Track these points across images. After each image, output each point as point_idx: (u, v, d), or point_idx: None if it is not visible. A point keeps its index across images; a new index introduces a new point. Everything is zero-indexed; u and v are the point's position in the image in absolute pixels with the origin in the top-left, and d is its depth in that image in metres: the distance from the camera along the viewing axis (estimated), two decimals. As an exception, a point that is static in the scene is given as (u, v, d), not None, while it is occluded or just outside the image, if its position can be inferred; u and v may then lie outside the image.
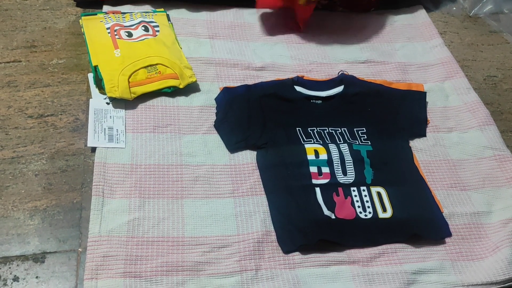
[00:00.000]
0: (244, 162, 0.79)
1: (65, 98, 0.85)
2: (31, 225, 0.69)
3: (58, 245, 0.67)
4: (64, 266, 0.65)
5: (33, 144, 0.78)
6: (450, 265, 0.70)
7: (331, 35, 1.03)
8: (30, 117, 0.81)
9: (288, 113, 0.85)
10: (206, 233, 0.70)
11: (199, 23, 1.00)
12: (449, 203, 0.77)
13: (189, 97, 0.86)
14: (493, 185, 0.81)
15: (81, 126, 0.81)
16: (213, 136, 0.81)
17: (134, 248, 0.67)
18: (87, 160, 0.76)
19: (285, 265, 0.68)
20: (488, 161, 0.84)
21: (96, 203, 0.70)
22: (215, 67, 0.92)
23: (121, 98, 0.82)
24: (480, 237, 0.74)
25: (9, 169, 0.74)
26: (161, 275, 0.65)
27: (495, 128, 0.89)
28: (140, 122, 0.81)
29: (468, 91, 0.95)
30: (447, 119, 0.90)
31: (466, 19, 1.16)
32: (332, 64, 0.97)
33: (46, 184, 0.73)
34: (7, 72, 0.87)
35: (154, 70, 0.86)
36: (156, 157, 0.77)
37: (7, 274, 0.64)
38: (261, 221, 0.72)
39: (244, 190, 0.75)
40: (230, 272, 0.66)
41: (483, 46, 1.10)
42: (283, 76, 0.92)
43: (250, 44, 0.98)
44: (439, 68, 0.99)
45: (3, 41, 0.93)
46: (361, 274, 0.68)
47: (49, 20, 0.98)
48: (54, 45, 0.93)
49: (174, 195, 0.73)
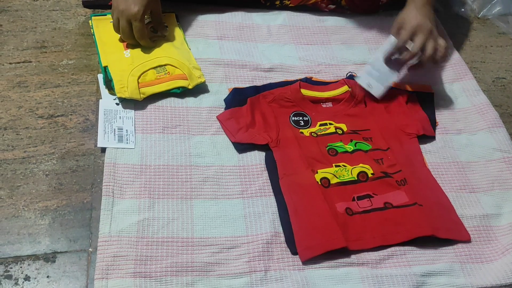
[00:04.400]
0: (253, 163, 0.79)
1: (75, 98, 0.85)
2: (42, 225, 0.69)
3: (69, 245, 0.68)
4: (75, 266, 0.66)
5: (44, 144, 0.78)
6: (459, 268, 0.70)
7: (339, 36, 1.04)
8: (40, 117, 0.82)
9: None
10: (215, 234, 0.70)
11: (207, 24, 1.00)
12: (458, 206, 0.77)
13: (198, 98, 0.87)
14: (502, 187, 0.81)
15: (91, 126, 0.81)
16: (222, 137, 0.82)
17: (144, 248, 0.67)
18: (97, 161, 0.77)
19: (294, 267, 0.68)
20: (497, 163, 0.84)
21: (106, 203, 0.70)
22: (224, 68, 0.92)
23: (130, 98, 0.82)
24: (489, 239, 0.74)
25: (20, 169, 0.75)
26: (170, 275, 0.65)
27: (504, 130, 0.88)
28: (149, 122, 0.81)
29: (477, 93, 0.94)
30: (456, 121, 0.90)
31: (474, 20, 1.16)
32: (340, 66, 0.97)
33: (57, 184, 0.74)
34: (18, 73, 0.88)
35: (163, 71, 0.86)
36: (165, 157, 0.77)
37: (18, 273, 0.65)
38: (270, 222, 0.72)
39: (253, 191, 0.76)
40: (239, 273, 0.67)
41: (492, 47, 1.10)
42: (291, 77, 0.92)
43: (259, 45, 0.98)
44: (448, 70, 0.99)
45: (14, 41, 0.93)
46: (370, 276, 0.68)
47: (59, 21, 0.99)
48: (64, 46, 0.94)
49: (183, 195, 0.74)
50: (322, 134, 0.83)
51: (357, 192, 0.75)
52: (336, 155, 0.80)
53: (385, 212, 0.74)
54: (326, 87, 0.90)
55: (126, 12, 0.82)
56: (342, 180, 0.77)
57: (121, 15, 0.83)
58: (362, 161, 0.79)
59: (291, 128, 0.83)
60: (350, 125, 0.85)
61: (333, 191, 0.75)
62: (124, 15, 0.82)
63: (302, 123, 0.84)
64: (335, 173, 0.77)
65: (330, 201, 0.74)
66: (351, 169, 0.78)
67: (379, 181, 0.77)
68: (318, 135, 0.83)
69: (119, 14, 0.83)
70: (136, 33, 0.84)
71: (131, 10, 0.81)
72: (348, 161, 0.79)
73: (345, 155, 0.80)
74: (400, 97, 0.89)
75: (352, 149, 0.81)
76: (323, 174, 0.77)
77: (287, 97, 0.86)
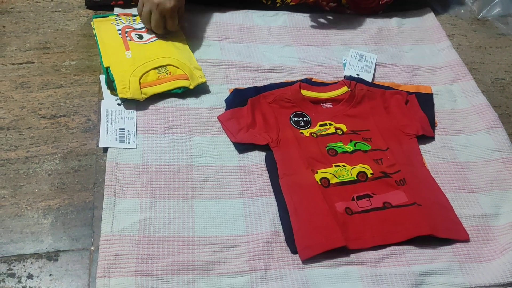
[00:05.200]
0: (253, 163, 0.80)
1: (77, 99, 0.86)
2: (45, 224, 0.70)
3: (71, 244, 0.68)
4: (77, 264, 0.67)
5: (46, 144, 0.79)
6: (458, 267, 0.71)
7: (339, 37, 1.04)
8: (43, 117, 0.82)
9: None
10: (216, 233, 0.71)
11: (208, 25, 1.01)
12: (457, 205, 0.78)
13: (199, 99, 0.87)
14: (501, 187, 0.81)
15: (93, 126, 0.82)
16: (223, 138, 0.82)
17: (145, 247, 0.68)
18: (99, 160, 0.78)
19: (294, 265, 0.69)
20: (496, 163, 0.84)
21: (108, 203, 0.71)
22: (225, 69, 0.93)
23: (132, 98, 0.83)
24: (488, 239, 0.75)
25: (23, 168, 0.76)
26: (171, 274, 0.66)
27: (503, 131, 0.89)
28: (151, 123, 0.82)
29: (476, 94, 0.95)
30: (455, 121, 0.91)
31: (474, 21, 1.16)
32: (340, 66, 0.98)
33: (59, 184, 0.74)
34: (20, 73, 0.89)
35: (164, 71, 0.87)
36: (167, 157, 0.78)
37: (21, 271, 0.65)
38: (270, 222, 0.73)
39: (253, 191, 0.76)
40: (239, 272, 0.67)
41: (491, 48, 1.10)
42: (291, 78, 0.93)
43: (259, 46, 0.99)
44: (447, 71, 0.99)
45: (16, 42, 0.94)
46: (369, 275, 0.68)
47: (61, 22, 1.00)
48: (66, 47, 0.95)
49: (184, 195, 0.74)
50: (322, 135, 0.84)
51: (357, 192, 0.76)
52: (336, 155, 0.81)
53: (384, 212, 0.74)
54: (326, 88, 0.90)
55: (162, 6, 0.87)
56: (341, 180, 0.77)
57: (155, 8, 0.87)
58: (361, 161, 0.80)
59: (291, 129, 0.84)
60: (350, 125, 0.85)
61: (333, 191, 0.76)
62: (159, 9, 0.87)
63: (302, 124, 0.85)
64: (335, 173, 0.78)
65: (330, 201, 0.74)
66: (350, 169, 0.79)
67: (378, 181, 0.78)
68: (318, 136, 0.83)
69: (152, 7, 0.87)
70: (171, 26, 0.91)
71: (167, 5, 0.87)
72: (348, 161, 0.80)
73: (345, 155, 0.81)
74: (400, 97, 0.90)
75: (351, 149, 0.82)
76: (323, 174, 0.77)
77: (287, 98, 0.87)
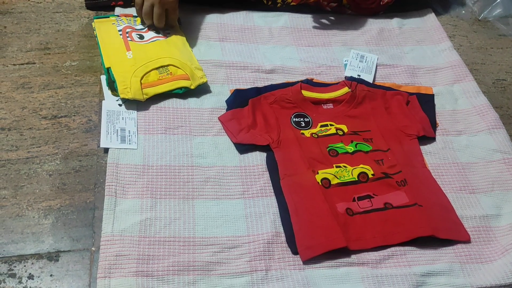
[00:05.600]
0: (254, 164, 0.80)
1: (78, 99, 0.86)
2: (46, 224, 0.70)
3: (72, 244, 0.68)
4: (78, 265, 0.67)
5: (47, 144, 0.79)
6: (459, 268, 0.71)
7: (340, 38, 1.04)
8: (44, 118, 0.83)
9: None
10: (217, 234, 0.71)
11: (209, 26, 1.01)
12: (458, 206, 0.78)
13: (200, 99, 0.87)
14: (502, 188, 0.81)
15: (94, 127, 0.82)
16: (224, 138, 0.82)
17: (146, 247, 0.68)
18: (100, 161, 0.78)
19: (294, 266, 0.69)
20: (497, 164, 0.84)
21: (109, 203, 0.71)
22: (225, 70, 0.93)
23: (133, 99, 0.83)
24: (489, 240, 0.74)
25: (23, 169, 0.76)
26: (172, 274, 0.66)
27: (504, 131, 0.89)
28: (151, 123, 0.82)
29: (477, 95, 0.95)
30: (456, 122, 0.91)
31: (475, 22, 1.16)
32: (341, 67, 0.98)
33: (60, 184, 0.74)
34: (22, 74, 0.89)
35: (165, 71, 0.87)
36: (168, 158, 0.78)
37: (22, 272, 0.65)
38: (271, 222, 0.73)
39: (254, 191, 0.76)
40: (240, 272, 0.67)
41: (492, 49, 1.10)
42: (292, 78, 0.93)
43: (260, 47, 0.99)
44: (448, 72, 0.99)
45: (18, 43, 0.94)
46: (370, 276, 0.68)
47: (62, 22, 1.00)
48: (67, 48, 0.95)
49: (185, 195, 0.74)
50: (323, 135, 0.84)
51: (358, 193, 0.76)
52: (337, 156, 0.81)
53: (385, 213, 0.74)
54: (327, 88, 0.90)
55: (164, 0, 0.90)
56: (342, 181, 0.77)
57: (157, 2, 0.89)
58: (362, 161, 0.80)
59: (292, 129, 0.84)
60: (351, 126, 0.85)
61: (334, 192, 0.76)
62: (161, 3, 0.90)
63: (303, 124, 0.85)
64: (336, 174, 0.78)
65: (331, 202, 0.74)
66: (351, 170, 0.79)
67: (379, 182, 0.78)
68: (319, 136, 0.83)
69: (154, 1, 0.90)
70: (173, 20, 0.95)
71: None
72: (349, 162, 0.80)
73: (346, 156, 0.81)
74: (401, 98, 0.90)
75: (352, 150, 0.82)
76: (323, 174, 0.77)
77: (288, 99, 0.87)
